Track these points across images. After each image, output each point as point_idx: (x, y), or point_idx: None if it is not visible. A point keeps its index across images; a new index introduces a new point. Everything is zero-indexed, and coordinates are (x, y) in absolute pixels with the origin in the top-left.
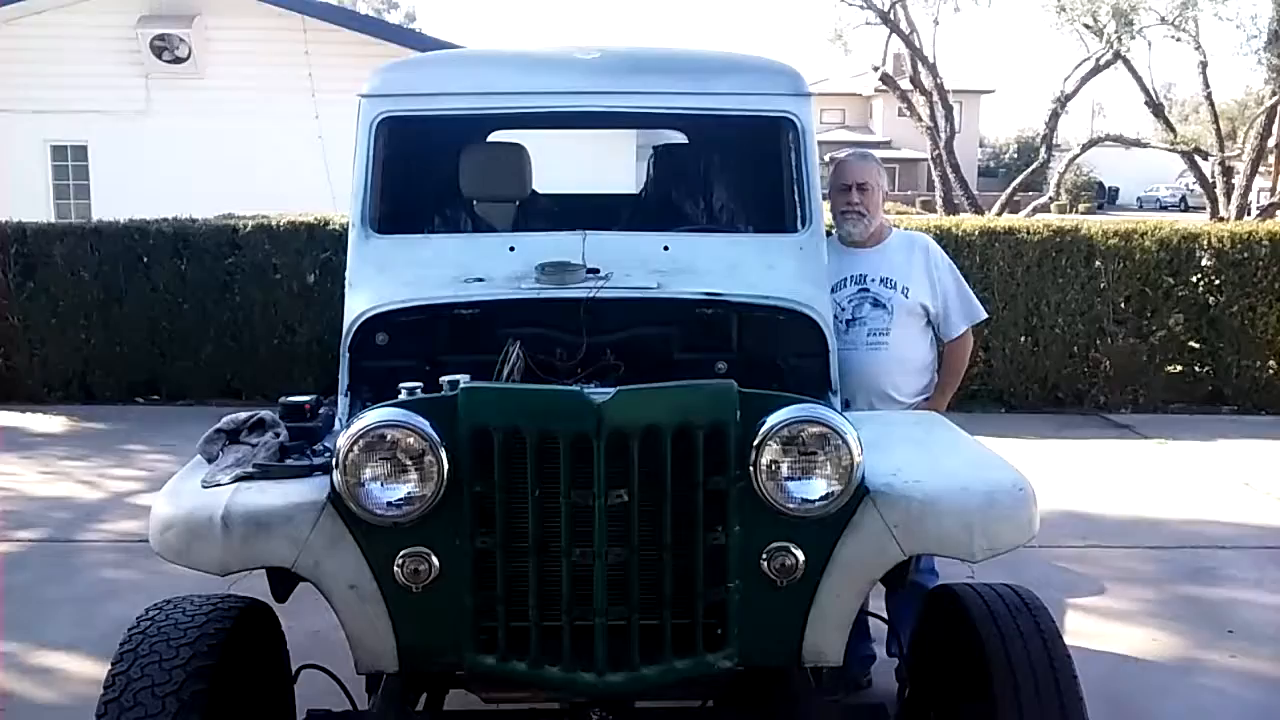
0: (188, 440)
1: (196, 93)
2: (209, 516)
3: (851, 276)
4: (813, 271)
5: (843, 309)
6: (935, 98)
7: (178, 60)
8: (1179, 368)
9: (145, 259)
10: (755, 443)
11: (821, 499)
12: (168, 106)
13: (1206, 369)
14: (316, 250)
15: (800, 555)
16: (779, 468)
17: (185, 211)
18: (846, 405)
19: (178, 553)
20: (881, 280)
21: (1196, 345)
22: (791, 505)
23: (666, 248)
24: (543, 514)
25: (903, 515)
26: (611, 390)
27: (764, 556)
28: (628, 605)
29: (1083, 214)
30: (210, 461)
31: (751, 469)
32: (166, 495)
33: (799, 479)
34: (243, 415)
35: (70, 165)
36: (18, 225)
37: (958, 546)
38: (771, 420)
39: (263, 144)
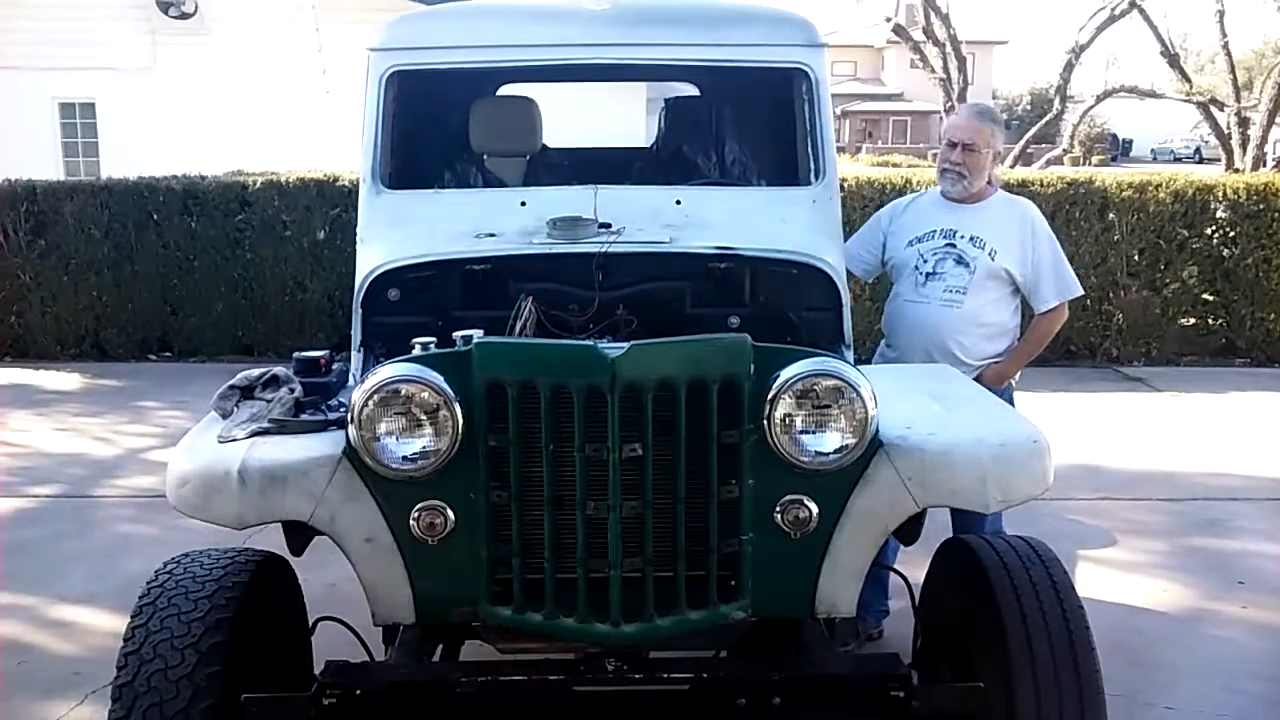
0: (200, 396)
1: (203, 49)
2: (226, 471)
3: (941, 230)
4: (826, 224)
5: (924, 260)
6: (948, 49)
7: (184, 16)
8: (1192, 320)
9: (155, 216)
10: (769, 396)
11: (835, 452)
12: (175, 63)
13: (1220, 321)
14: (326, 206)
15: (814, 508)
16: (793, 421)
17: (194, 168)
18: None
19: (195, 507)
20: (970, 239)
21: (1210, 298)
22: (805, 458)
23: (679, 201)
24: (557, 467)
25: (917, 468)
26: (625, 344)
27: (777, 509)
28: (642, 557)
29: (1096, 166)
30: (225, 417)
31: (765, 422)
32: (183, 450)
33: (813, 432)
34: (256, 371)
35: (79, 123)
36: (28, 183)
37: (972, 498)
38: (785, 374)
39: (271, 100)
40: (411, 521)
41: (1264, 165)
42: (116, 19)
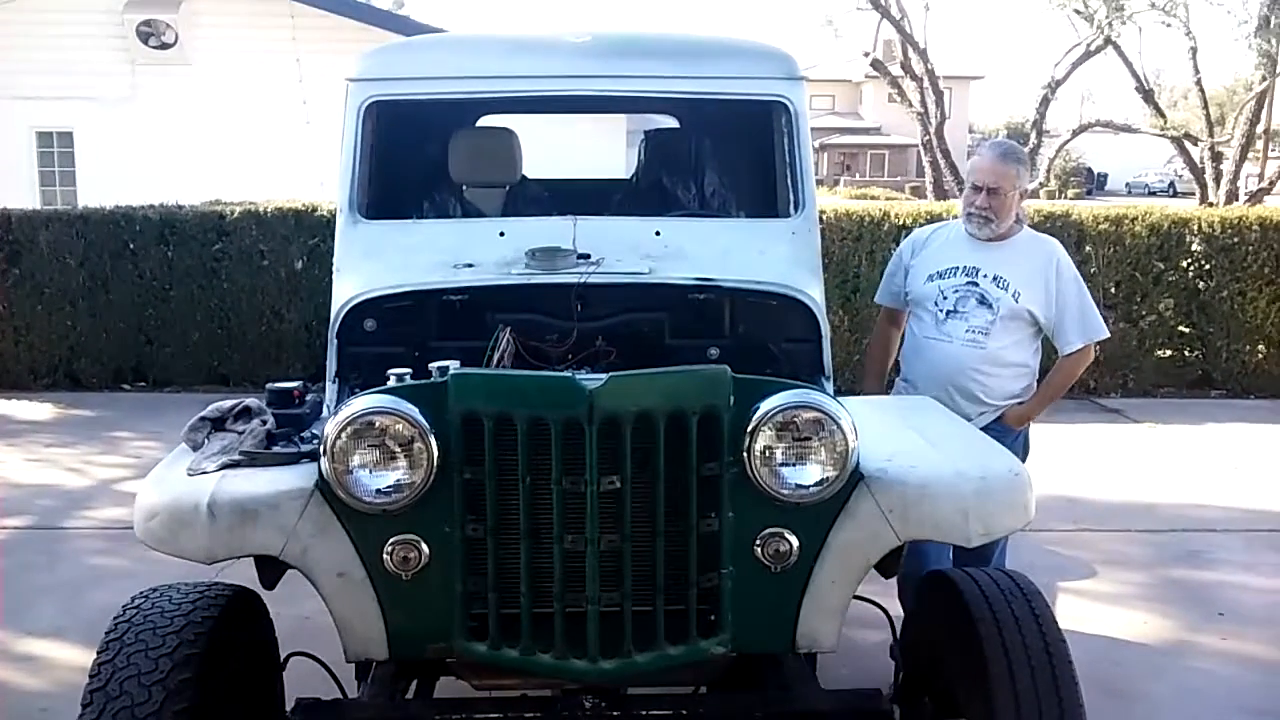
0: (175, 427)
1: (183, 79)
2: (194, 504)
3: (963, 267)
4: (806, 256)
5: (944, 297)
6: (925, 83)
7: (164, 46)
8: (1169, 352)
9: (132, 245)
10: (749, 428)
11: (816, 485)
12: (154, 93)
13: (1196, 354)
14: (304, 236)
15: (794, 541)
16: (773, 453)
17: (172, 198)
18: (840, 391)
19: (163, 541)
20: (994, 278)
21: (1186, 330)
22: (786, 491)
23: (658, 233)
24: (534, 501)
25: (898, 500)
26: (603, 376)
27: (758, 542)
28: (620, 592)
29: (1072, 200)
30: (195, 449)
31: (745, 455)
32: (151, 483)
33: (793, 465)
34: (228, 403)
35: (56, 152)
36: (3, 212)
37: (953, 531)
38: (765, 406)
39: (250, 130)
40: (385, 556)
41: (1237, 199)
42: (96, 49)
